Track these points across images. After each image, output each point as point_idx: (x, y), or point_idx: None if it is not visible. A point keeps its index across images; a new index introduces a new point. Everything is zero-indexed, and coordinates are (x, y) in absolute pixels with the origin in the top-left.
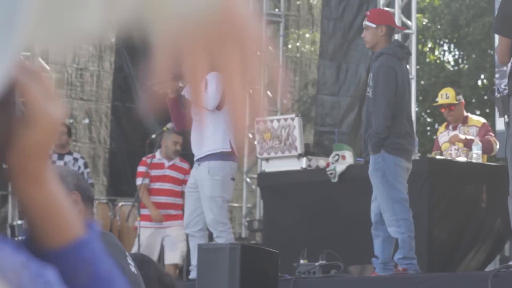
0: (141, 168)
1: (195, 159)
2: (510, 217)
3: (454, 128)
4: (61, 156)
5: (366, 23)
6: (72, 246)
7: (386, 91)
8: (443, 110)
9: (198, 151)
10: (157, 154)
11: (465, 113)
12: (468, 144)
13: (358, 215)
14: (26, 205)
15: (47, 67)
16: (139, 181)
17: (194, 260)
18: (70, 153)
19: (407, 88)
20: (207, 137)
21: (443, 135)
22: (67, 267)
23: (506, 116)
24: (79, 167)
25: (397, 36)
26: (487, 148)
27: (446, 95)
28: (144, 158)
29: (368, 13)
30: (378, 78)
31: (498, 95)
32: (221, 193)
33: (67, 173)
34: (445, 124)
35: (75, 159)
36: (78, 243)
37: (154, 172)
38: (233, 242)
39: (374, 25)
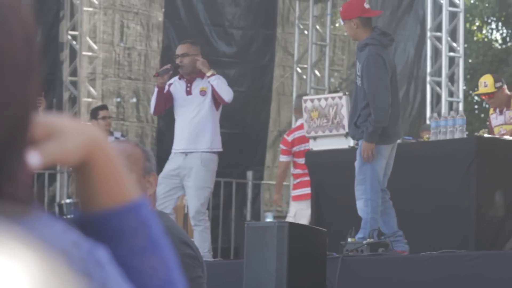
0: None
1: (180, 150)
2: None
3: (501, 112)
4: None
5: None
6: (131, 205)
7: (382, 80)
8: (483, 98)
9: (190, 145)
10: None
11: (510, 93)
12: None
13: (407, 193)
14: (88, 169)
15: (95, 46)
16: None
17: None
18: (110, 133)
19: (394, 74)
20: (206, 133)
21: (493, 118)
22: (126, 228)
23: None
24: None
25: (444, 15)
26: None
27: (485, 84)
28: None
29: (340, 9)
30: (369, 68)
31: None
32: (210, 184)
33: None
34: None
35: (116, 139)
36: (136, 204)
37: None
38: (281, 221)
39: (346, 20)
